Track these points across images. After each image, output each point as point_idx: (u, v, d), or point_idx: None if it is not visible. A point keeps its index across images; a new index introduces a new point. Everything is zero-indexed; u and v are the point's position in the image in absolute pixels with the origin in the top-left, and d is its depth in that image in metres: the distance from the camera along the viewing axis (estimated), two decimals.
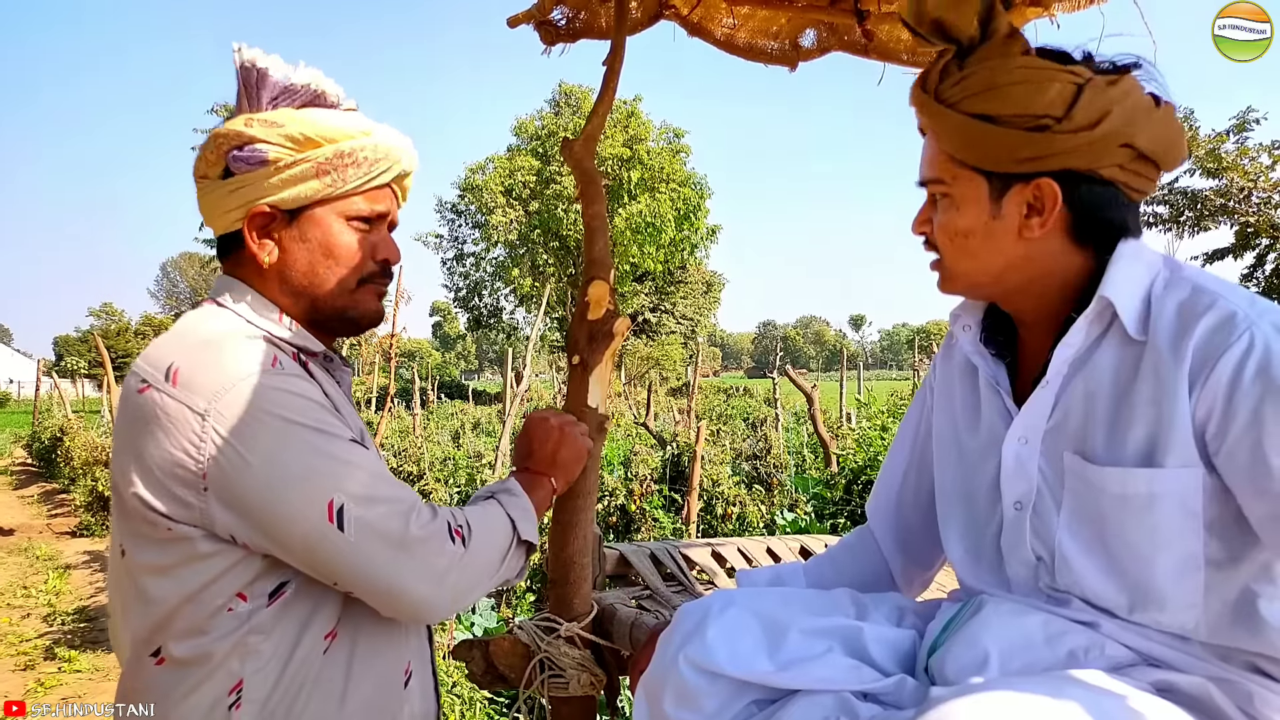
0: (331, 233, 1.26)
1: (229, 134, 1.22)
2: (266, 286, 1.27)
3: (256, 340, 1.19)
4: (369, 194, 1.29)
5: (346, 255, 1.28)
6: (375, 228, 1.32)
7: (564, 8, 2.43)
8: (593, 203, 2.23)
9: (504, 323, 39.26)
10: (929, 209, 1.22)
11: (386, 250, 1.32)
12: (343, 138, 1.24)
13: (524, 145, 35.49)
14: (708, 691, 1.17)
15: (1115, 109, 1.08)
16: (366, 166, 1.26)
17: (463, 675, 3.91)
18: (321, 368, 1.31)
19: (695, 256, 36.49)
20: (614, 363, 2.22)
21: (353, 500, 1.12)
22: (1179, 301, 1.06)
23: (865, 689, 1.14)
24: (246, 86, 1.24)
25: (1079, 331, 1.12)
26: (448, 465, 9.98)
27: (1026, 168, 1.10)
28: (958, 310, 1.32)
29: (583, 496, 2.18)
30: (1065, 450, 1.13)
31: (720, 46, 2.60)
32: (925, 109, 1.17)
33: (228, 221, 1.25)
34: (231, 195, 1.23)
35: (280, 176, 1.21)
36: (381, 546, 1.12)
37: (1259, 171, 15.42)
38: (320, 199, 1.25)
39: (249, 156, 1.20)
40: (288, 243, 1.26)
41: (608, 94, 2.28)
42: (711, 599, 1.29)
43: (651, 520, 7.05)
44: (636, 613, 2.19)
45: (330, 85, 1.28)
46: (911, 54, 2.55)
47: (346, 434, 1.18)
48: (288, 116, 1.22)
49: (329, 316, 1.30)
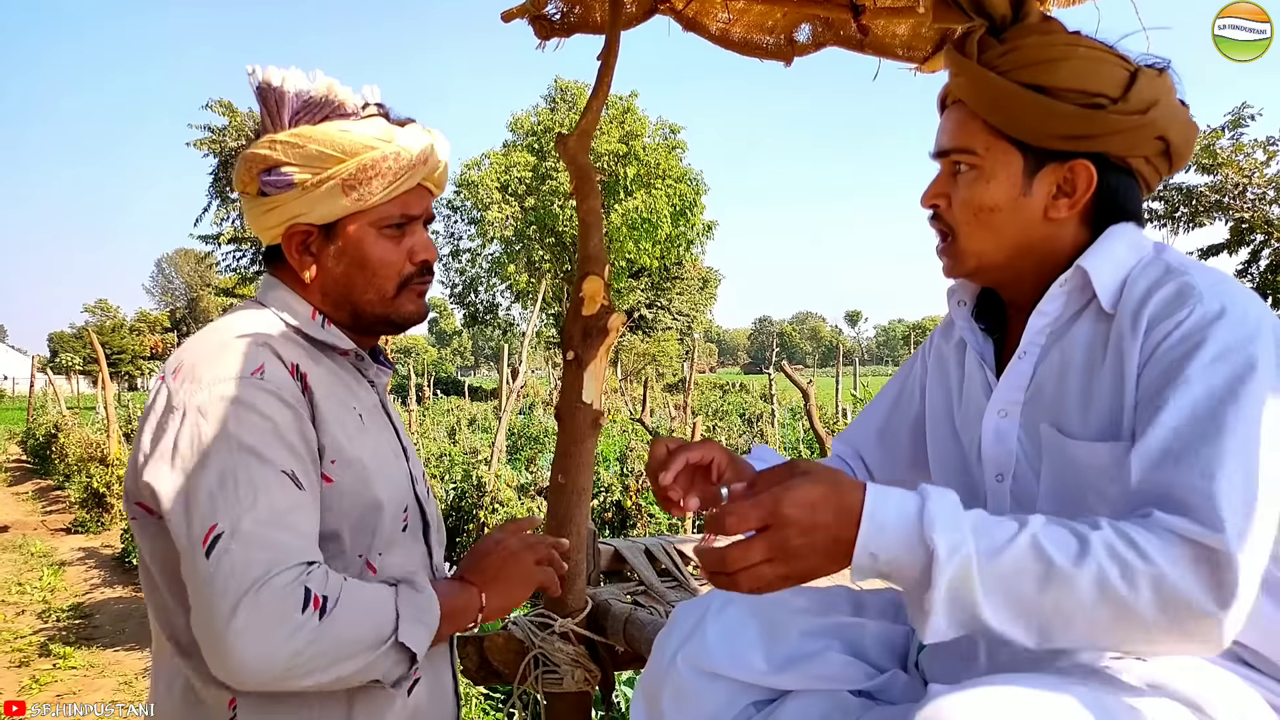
0: (365, 245, 1.29)
1: (255, 157, 1.25)
2: (309, 296, 1.32)
3: (261, 346, 1.20)
4: (399, 200, 1.30)
5: (382, 266, 1.30)
6: (410, 229, 1.33)
7: (558, 3, 2.43)
8: (587, 198, 2.22)
9: (500, 319, 39.21)
10: (945, 182, 1.19)
11: (424, 251, 1.34)
12: (363, 149, 1.25)
13: (520, 141, 35.42)
14: (706, 692, 1.17)
15: (1162, 100, 1.10)
16: (391, 176, 1.26)
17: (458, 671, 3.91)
18: (352, 366, 1.35)
19: (691, 252, 36.45)
20: (609, 358, 2.22)
21: (232, 533, 1.06)
22: (1149, 279, 1.07)
23: (861, 687, 1.15)
24: (266, 107, 1.26)
25: (1055, 300, 1.13)
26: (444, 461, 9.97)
27: (1069, 145, 1.10)
28: (954, 286, 1.31)
29: (577, 494, 2.18)
30: (1042, 422, 1.13)
31: (715, 41, 2.60)
32: (967, 73, 1.15)
33: (270, 236, 1.30)
34: (268, 214, 1.27)
35: (308, 196, 1.24)
36: (229, 587, 1.03)
37: (1254, 167, 15.44)
38: (351, 214, 1.27)
39: (276, 180, 1.24)
40: (325, 259, 1.29)
41: (602, 89, 2.27)
42: (709, 598, 1.28)
43: (648, 516, 7.06)
44: (631, 608, 2.19)
45: (348, 94, 1.29)
46: (906, 49, 2.55)
47: (282, 465, 1.12)
48: (308, 135, 1.24)
49: (372, 322, 1.34)
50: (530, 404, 18.59)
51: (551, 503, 2.21)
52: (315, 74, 1.28)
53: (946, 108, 1.21)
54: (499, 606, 1.33)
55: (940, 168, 1.20)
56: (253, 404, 1.13)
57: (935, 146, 1.21)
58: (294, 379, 1.20)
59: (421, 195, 1.34)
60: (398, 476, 1.33)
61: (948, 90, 1.21)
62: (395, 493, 1.31)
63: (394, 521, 1.30)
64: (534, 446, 13.20)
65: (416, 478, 1.40)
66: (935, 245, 1.23)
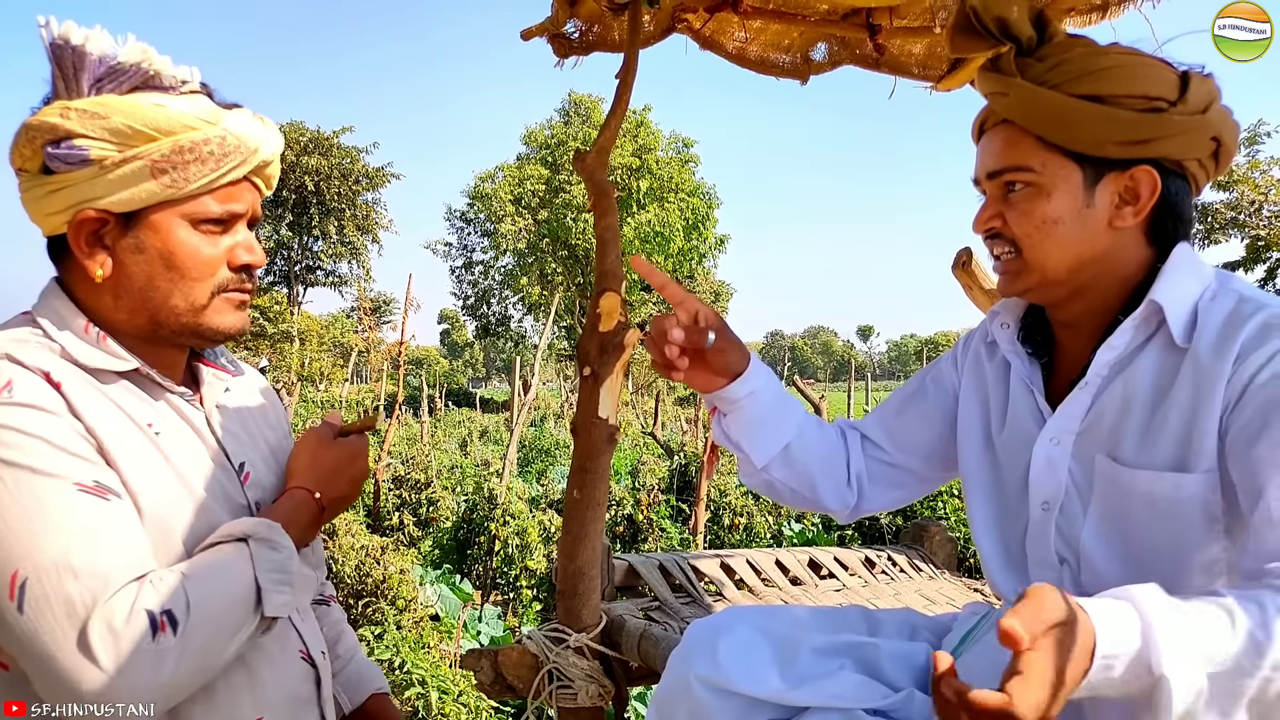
0: (174, 240, 1.08)
1: (42, 125, 1.02)
2: (99, 300, 1.09)
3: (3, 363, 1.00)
4: (220, 192, 1.10)
5: (193, 266, 1.09)
6: (230, 227, 1.13)
7: (577, 21, 2.45)
8: (605, 215, 2.24)
9: (512, 331, 39.28)
10: (998, 203, 1.18)
11: (247, 253, 1.14)
12: (181, 129, 1.05)
13: (533, 154, 35.59)
14: (721, 709, 1.17)
15: (1215, 100, 1.11)
16: (214, 162, 1.07)
17: (471, 684, 3.91)
18: (136, 388, 1.11)
19: (704, 266, 36.49)
20: (624, 374, 2.23)
21: (39, 574, 0.91)
22: (1226, 311, 1.07)
23: (876, 706, 1.14)
24: (61, 68, 1.04)
25: (1124, 334, 1.12)
26: (455, 473, 9.99)
27: (1129, 152, 1.10)
28: (998, 308, 1.31)
29: (592, 508, 2.19)
30: (1097, 453, 1.13)
31: (732, 60, 2.62)
32: (1014, 91, 1.14)
33: (53, 224, 1.07)
34: (52, 196, 1.05)
35: (107, 177, 1.03)
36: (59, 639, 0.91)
37: (1270, 185, 15.37)
38: (160, 202, 1.06)
39: (67, 155, 1.02)
40: (122, 253, 1.07)
41: (620, 106, 2.30)
42: (721, 616, 1.28)
43: (659, 530, 7.05)
44: (645, 624, 2.20)
45: (166, 64, 1.09)
46: (922, 68, 2.57)
47: (74, 478, 0.96)
48: (113, 105, 1.03)
49: (174, 333, 1.12)
50: (541, 416, 18.61)
51: (567, 517, 2.22)
52: (127, 37, 1.07)
53: (985, 131, 1.20)
54: (335, 502, 1.20)
55: (988, 191, 1.19)
56: (11, 424, 0.95)
57: (981, 170, 1.19)
58: (48, 386, 1.00)
59: (247, 191, 1.14)
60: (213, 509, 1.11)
61: (988, 113, 1.20)
62: (204, 528, 1.08)
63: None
64: (545, 459, 13.21)
65: (260, 502, 1.18)
66: (993, 265, 1.22)
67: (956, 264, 2.81)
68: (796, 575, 2.78)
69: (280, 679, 1.14)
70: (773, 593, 2.63)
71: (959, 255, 2.81)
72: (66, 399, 1.00)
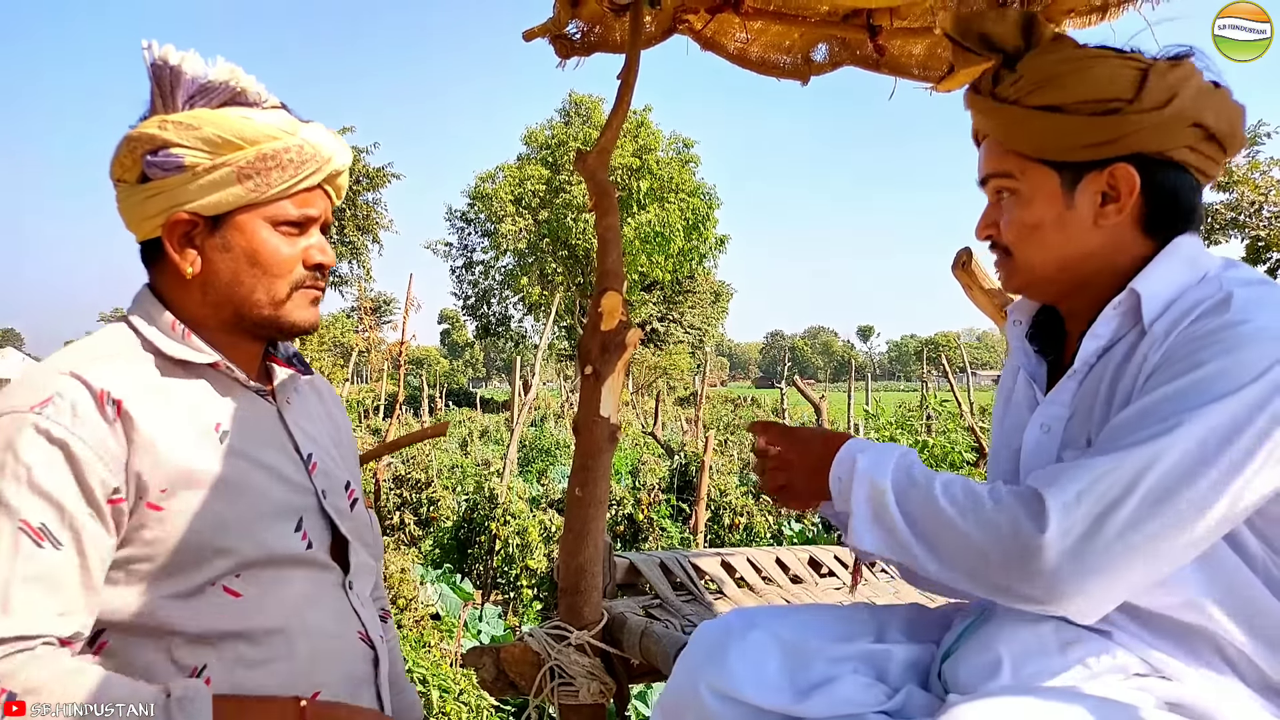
0: (257, 240, 1.19)
1: (142, 137, 1.14)
2: (188, 297, 1.21)
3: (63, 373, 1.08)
4: (298, 197, 1.22)
5: (274, 263, 1.21)
6: (305, 230, 1.25)
7: (579, 22, 2.46)
8: (606, 215, 2.25)
9: (512, 331, 39.29)
10: (994, 210, 1.22)
11: (320, 254, 1.26)
12: (264, 139, 1.17)
13: (534, 154, 35.60)
14: (729, 718, 1.18)
15: (1182, 89, 1.10)
16: (292, 169, 1.19)
17: (471, 683, 3.92)
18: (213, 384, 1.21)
19: (704, 266, 36.49)
20: (625, 373, 2.24)
21: None
22: (1198, 296, 1.07)
23: (884, 708, 1.15)
24: (160, 86, 1.16)
25: (1107, 322, 1.14)
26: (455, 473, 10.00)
27: (1098, 153, 1.12)
28: (1012, 307, 1.34)
29: (593, 506, 2.20)
30: (1082, 438, 1.15)
31: (733, 61, 2.63)
32: (983, 110, 1.19)
33: (148, 229, 1.18)
34: (149, 201, 1.16)
35: (199, 182, 1.15)
36: None
37: (1270, 185, 15.38)
38: (244, 205, 1.18)
39: (164, 162, 1.14)
40: (210, 252, 1.19)
41: (622, 107, 2.31)
42: (731, 619, 1.29)
43: (659, 530, 7.06)
44: (646, 622, 2.21)
45: (251, 82, 1.21)
46: (922, 69, 2.58)
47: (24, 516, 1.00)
48: (205, 118, 1.15)
49: (256, 325, 1.23)
50: (542, 416, 18.62)
51: (569, 515, 2.23)
52: (217, 59, 1.19)
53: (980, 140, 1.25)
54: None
55: (988, 196, 1.24)
56: (14, 445, 1.02)
57: (978, 175, 1.25)
58: (102, 407, 1.07)
59: (321, 197, 1.26)
60: (281, 493, 1.21)
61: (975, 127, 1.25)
62: (274, 510, 1.19)
63: (279, 540, 1.18)
64: (545, 459, 13.22)
65: (327, 490, 1.27)
66: (994, 260, 1.27)
67: (956, 264, 2.81)
68: (797, 574, 2.78)
69: (340, 656, 1.21)
70: (773, 591, 2.64)
71: (959, 255, 2.81)
72: (121, 415, 1.08)
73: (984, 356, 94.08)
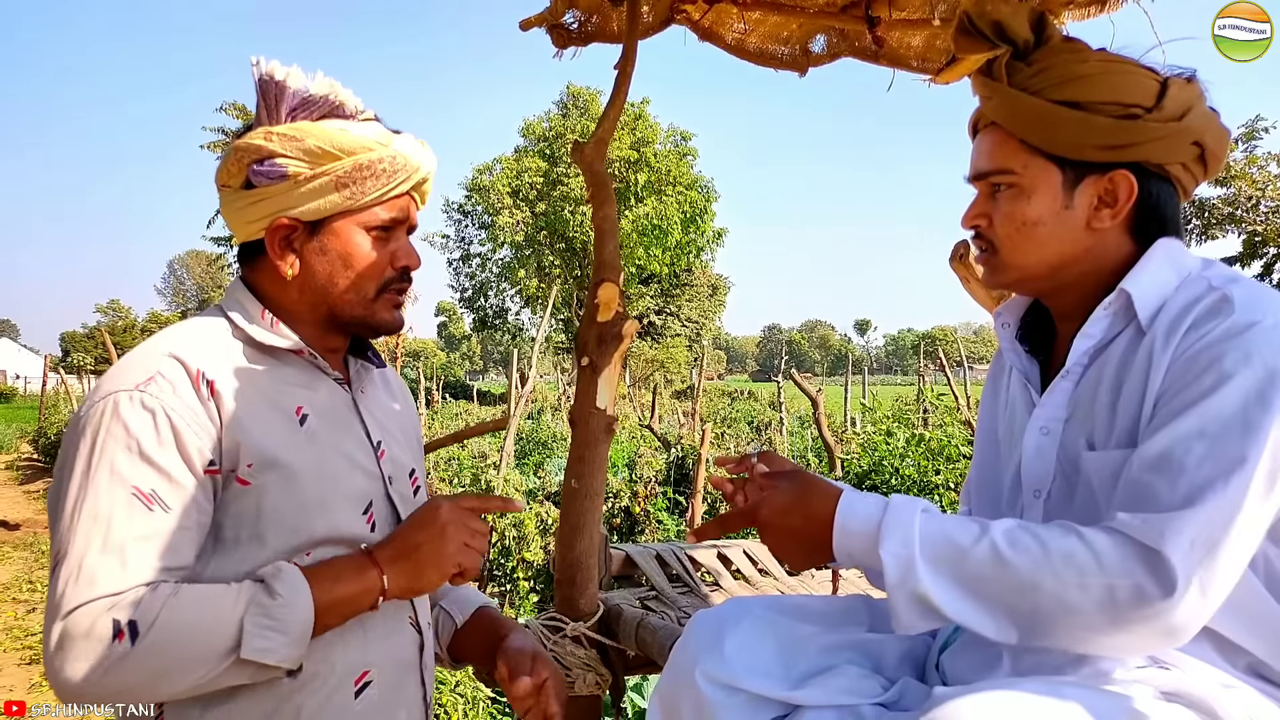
0: (351, 244, 1.28)
1: (249, 147, 1.23)
2: (285, 294, 1.30)
3: (163, 354, 1.18)
4: (389, 203, 1.30)
5: (365, 265, 1.29)
6: (394, 234, 1.33)
7: (576, 12, 2.45)
8: (603, 206, 2.24)
9: (509, 323, 39.23)
10: (984, 202, 1.22)
11: (406, 257, 1.34)
12: (361, 150, 1.25)
13: (531, 147, 35.50)
14: (726, 706, 1.17)
15: (1195, 106, 1.14)
16: (385, 178, 1.27)
17: (468, 674, 3.92)
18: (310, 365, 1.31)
19: (701, 259, 36.48)
20: (621, 365, 2.24)
21: (61, 561, 1.07)
22: (1189, 295, 1.09)
23: (879, 700, 1.15)
24: (265, 99, 1.25)
25: (1098, 322, 1.15)
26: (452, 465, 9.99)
27: (1107, 156, 1.13)
28: (1000, 309, 1.35)
29: (589, 498, 2.20)
30: (1080, 439, 1.15)
31: (731, 51, 2.62)
32: (998, 95, 1.18)
33: (250, 231, 1.28)
34: (253, 207, 1.25)
35: (300, 190, 1.23)
36: (51, 614, 1.05)
37: (1267, 180, 15.39)
38: (340, 211, 1.26)
39: (269, 171, 1.22)
40: (309, 255, 1.28)
41: (619, 98, 2.30)
42: (726, 608, 1.29)
43: (655, 522, 7.07)
44: (642, 613, 2.21)
45: (349, 96, 1.29)
46: (920, 60, 2.57)
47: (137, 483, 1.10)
48: (306, 130, 1.23)
49: (347, 322, 1.32)
50: (539, 409, 18.61)
51: (565, 507, 2.22)
52: (317, 74, 1.28)
53: (979, 132, 1.24)
54: (403, 587, 1.22)
55: (977, 190, 1.24)
56: (125, 419, 1.11)
57: (971, 170, 1.24)
58: (198, 386, 1.17)
59: (409, 204, 1.34)
60: (354, 477, 1.29)
61: (980, 115, 1.24)
62: (347, 492, 1.27)
63: (348, 522, 1.25)
64: (542, 451, 13.21)
65: (393, 476, 1.36)
66: (975, 255, 1.26)
67: (954, 257, 2.81)
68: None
69: (390, 641, 1.29)
70: (769, 583, 2.65)
71: (956, 248, 2.81)
72: (214, 393, 1.17)
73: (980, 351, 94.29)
